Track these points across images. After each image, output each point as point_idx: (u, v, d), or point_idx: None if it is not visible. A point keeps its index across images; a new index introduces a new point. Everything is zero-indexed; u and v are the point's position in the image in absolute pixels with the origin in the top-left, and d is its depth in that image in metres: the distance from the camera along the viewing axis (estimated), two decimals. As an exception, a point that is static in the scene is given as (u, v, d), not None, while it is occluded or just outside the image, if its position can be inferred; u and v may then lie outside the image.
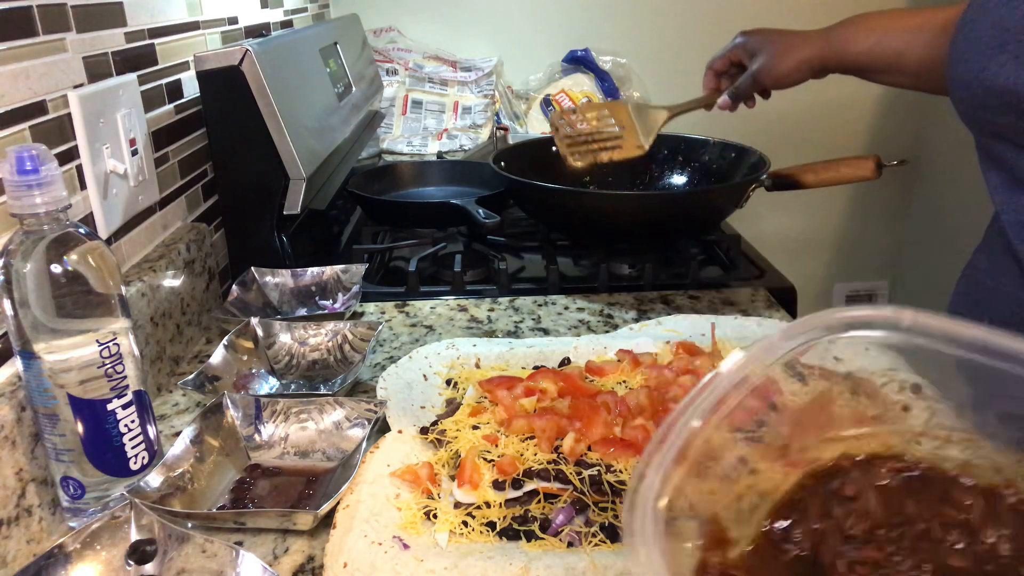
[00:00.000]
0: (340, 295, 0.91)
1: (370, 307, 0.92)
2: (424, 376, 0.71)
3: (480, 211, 1.01)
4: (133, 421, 0.55)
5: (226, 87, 0.84)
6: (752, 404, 0.39)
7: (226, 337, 0.74)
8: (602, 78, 1.73)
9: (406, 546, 0.51)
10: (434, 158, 1.54)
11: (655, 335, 0.78)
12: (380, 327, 0.77)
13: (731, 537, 0.39)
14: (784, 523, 0.39)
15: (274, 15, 1.29)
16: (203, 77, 0.85)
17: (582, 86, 1.69)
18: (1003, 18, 0.61)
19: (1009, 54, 0.60)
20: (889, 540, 0.37)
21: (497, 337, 0.84)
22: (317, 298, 0.91)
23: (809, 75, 0.91)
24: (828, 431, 0.43)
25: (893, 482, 0.40)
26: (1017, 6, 0.60)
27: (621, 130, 1.05)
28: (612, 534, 0.52)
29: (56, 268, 0.50)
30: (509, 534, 0.53)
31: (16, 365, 0.52)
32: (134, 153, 0.74)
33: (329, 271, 0.92)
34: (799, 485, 0.41)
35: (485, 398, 0.67)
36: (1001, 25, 0.61)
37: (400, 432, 0.62)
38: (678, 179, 1.21)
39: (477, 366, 0.73)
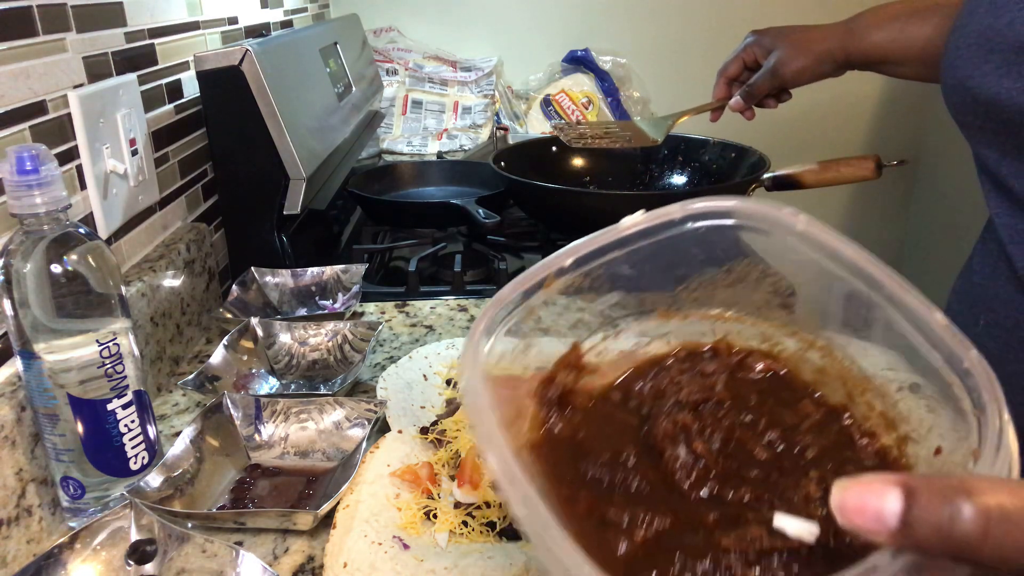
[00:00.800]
0: (340, 295, 0.91)
1: (370, 307, 0.92)
2: (424, 376, 0.71)
3: (480, 211, 1.01)
4: (133, 421, 0.55)
5: (226, 87, 0.84)
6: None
7: (226, 337, 0.74)
8: (602, 78, 1.73)
9: (406, 546, 0.51)
10: (434, 158, 1.54)
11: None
12: (380, 327, 0.77)
13: (587, 365, 0.42)
14: (638, 380, 0.43)
15: (274, 15, 1.29)
16: (203, 77, 0.85)
17: (582, 86, 1.69)
18: (989, 26, 0.60)
19: (993, 63, 0.59)
20: (712, 415, 0.39)
21: (497, 337, 0.84)
22: (317, 298, 0.91)
23: (831, 68, 0.87)
24: (713, 310, 0.45)
25: (752, 375, 0.43)
26: (1001, 14, 0.59)
27: (629, 136, 1.05)
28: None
29: (56, 268, 0.50)
30: (509, 534, 0.53)
31: (16, 365, 0.52)
32: (134, 153, 0.74)
33: (329, 271, 0.92)
34: (670, 355, 0.44)
35: (485, 398, 0.67)
36: (986, 34, 0.60)
37: (400, 432, 0.62)
38: (678, 179, 1.21)
39: (477, 366, 0.73)
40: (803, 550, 0.31)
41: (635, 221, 0.38)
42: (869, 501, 0.25)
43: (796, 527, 0.31)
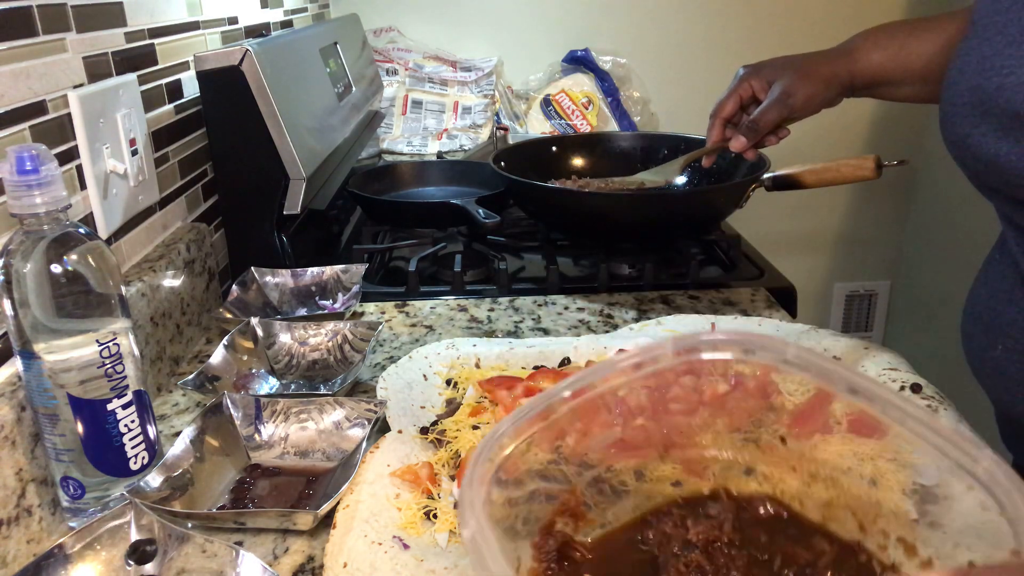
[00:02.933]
0: (340, 295, 0.91)
1: (370, 307, 0.92)
2: (424, 376, 0.71)
3: (480, 211, 1.01)
4: (133, 421, 0.55)
5: (226, 87, 0.84)
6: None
7: (226, 337, 0.74)
8: (602, 78, 1.73)
9: (406, 546, 0.51)
10: (434, 158, 1.54)
11: (655, 335, 0.78)
12: (380, 327, 0.77)
13: (586, 515, 0.42)
14: (642, 526, 0.42)
15: (274, 15, 1.29)
16: (203, 77, 0.85)
17: (582, 86, 1.69)
18: (979, 87, 0.60)
19: (989, 125, 0.59)
20: (724, 555, 0.39)
21: (497, 337, 0.84)
22: (317, 298, 0.91)
23: (836, 93, 0.85)
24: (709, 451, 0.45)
25: (759, 515, 0.42)
26: (990, 77, 0.59)
27: (641, 182, 1.05)
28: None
29: (56, 268, 0.50)
30: (509, 534, 0.53)
31: (16, 365, 0.52)
32: (134, 153, 0.74)
33: (329, 271, 0.92)
34: (674, 501, 0.44)
35: (485, 398, 0.67)
36: (978, 94, 0.60)
37: (400, 432, 0.62)
38: (679, 179, 1.21)
39: (477, 366, 0.73)
40: None
41: (628, 355, 0.40)
42: None
43: None
